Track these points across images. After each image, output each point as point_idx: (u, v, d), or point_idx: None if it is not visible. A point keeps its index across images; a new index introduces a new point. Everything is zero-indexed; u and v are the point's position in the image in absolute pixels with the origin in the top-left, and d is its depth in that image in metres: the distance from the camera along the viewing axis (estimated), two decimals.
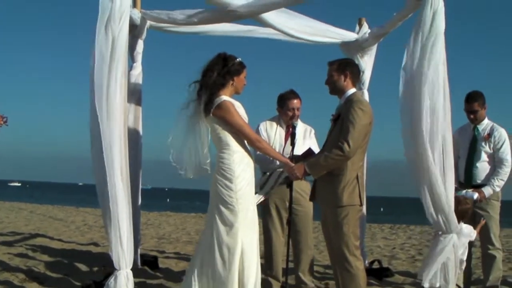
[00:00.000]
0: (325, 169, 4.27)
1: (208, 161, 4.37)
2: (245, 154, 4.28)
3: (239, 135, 4.24)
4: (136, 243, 5.18)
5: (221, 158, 4.21)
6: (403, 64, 4.67)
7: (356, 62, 5.51)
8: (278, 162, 5.11)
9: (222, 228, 4.11)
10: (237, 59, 4.34)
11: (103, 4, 4.31)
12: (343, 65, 4.45)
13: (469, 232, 4.85)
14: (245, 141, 4.30)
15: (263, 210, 5.40)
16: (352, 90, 4.42)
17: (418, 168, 4.55)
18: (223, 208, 4.14)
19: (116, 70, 4.29)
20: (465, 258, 4.85)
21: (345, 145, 4.14)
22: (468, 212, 5.00)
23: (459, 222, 4.70)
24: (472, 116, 5.63)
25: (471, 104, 5.61)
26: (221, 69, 4.26)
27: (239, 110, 4.28)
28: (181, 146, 4.35)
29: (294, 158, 4.77)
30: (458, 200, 4.85)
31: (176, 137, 4.35)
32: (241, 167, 4.20)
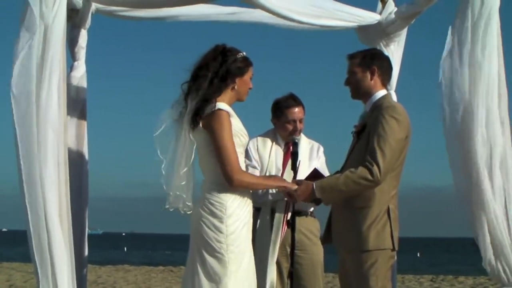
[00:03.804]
0: (342, 195, 4.30)
1: (184, 184, 4.31)
2: None
3: (217, 156, 4.20)
4: None
5: (210, 189, 4.23)
6: (443, 57, 4.68)
7: None
8: (271, 193, 5.09)
9: (206, 284, 4.12)
10: (241, 54, 4.39)
11: None
12: (369, 58, 4.51)
13: None
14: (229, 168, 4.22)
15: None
16: (381, 92, 4.48)
17: (471, 199, 4.56)
18: (208, 257, 4.16)
19: (51, 72, 4.27)
20: None
21: (375, 168, 4.16)
22: None
23: None
24: None
25: None
26: (218, 67, 4.29)
27: (235, 123, 4.30)
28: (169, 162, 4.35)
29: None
30: None
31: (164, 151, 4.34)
32: (236, 202, 4.24)
